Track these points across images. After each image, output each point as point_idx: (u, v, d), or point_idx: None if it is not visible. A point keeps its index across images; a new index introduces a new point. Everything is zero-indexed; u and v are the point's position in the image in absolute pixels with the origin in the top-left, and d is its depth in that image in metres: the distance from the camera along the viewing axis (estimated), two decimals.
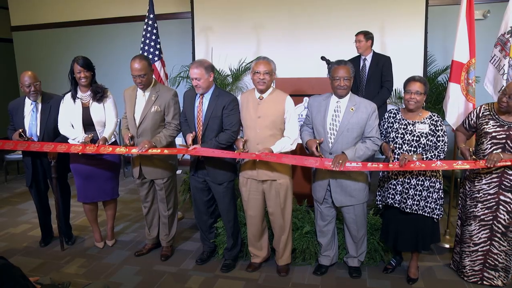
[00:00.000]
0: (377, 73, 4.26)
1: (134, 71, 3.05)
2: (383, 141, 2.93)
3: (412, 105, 2.80)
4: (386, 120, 2.96)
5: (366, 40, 4.28)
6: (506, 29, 3.32)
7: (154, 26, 4.29)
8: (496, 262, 2.88)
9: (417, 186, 2.81)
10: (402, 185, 2.85)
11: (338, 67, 2.78)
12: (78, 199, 3.51)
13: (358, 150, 2.75)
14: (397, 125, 2.86)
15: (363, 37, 4.28)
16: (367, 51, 4.33)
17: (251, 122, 2.91)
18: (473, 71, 3.37)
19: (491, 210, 2.82)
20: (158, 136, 3.12)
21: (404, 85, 2.87)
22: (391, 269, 3.14)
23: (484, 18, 5.35)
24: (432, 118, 2.81)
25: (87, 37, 6.98)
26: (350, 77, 2.76)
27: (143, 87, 3.14)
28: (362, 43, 4.28)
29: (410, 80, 2.84)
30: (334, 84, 2.80)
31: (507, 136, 2.70)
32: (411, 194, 2.82)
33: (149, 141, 3.04)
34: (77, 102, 3.30)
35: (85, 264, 3.35)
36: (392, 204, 2.91)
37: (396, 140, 2.84)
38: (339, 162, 2.68)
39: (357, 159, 2.75)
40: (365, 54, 4.34)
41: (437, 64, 5.34)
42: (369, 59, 4.34)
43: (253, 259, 3.23)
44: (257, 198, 3.02)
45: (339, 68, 2.77)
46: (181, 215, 4.38)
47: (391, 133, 2.88)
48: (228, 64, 5.88)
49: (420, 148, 2.79)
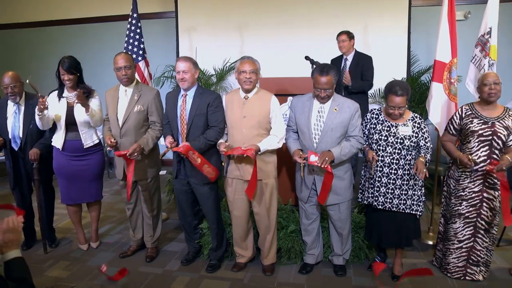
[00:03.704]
0: (357, 73, 4.28)
1: (119, 63, 3.05)
2: (366, 145, 2.96)
3: (395, 117, 2.82)
4: (369, 121, 2.96)
5: (350, 39, 4.32)
6: (486, 29, 3.39)
7: (138, 26, 4.26)
8: (478, 258, 2.94)
9: (403, 186, 2.85)
10: (386, 186, 2.87)
11: (319, 77, 2.73)
12: (61, 200, 3.47)
13: (344, 149, 2.77)
14: (380, 126, 2.88)
15: (346, 36, 4.31)
16: (350, 51, 4.37)
17: (237, 122, 2.91)
18: (455, 71, 3.42)
19: (475, 207, 2.87)
20: (145, 138, 3.09)
21: (385, 94, 2.82)
22: None
23: (465, 19, 5.46)
24: (414, 120, 2.83)
25: (71, 36, 6.91)
26: (332, 86, 2.76)
27: (127, 80, 3.11)
28: (346, 42, 4.31)
29: (392, 93, 2.73)
30: (315, 92, 2.81)
31: (492, 132, 2.75)
32: (397, 194, 2.86)
33: (138, 145, 3.00)
34: (62, 101, 3.25)
35: (69, 267, 3.30)
36: (375, 206, 2.94)
37: (380, 143, 2.86)
38: (325, 159, 2.68)
39: (343, 157, 2.77)
40: (348, 53, 4.37)
41: (420, 64, 5.41)
42: (350, 59, 4.38)
43: (239, 259, 3.22)
44: (243, 198, 3.01)
45: (320, 79, 2.72)
46: (166, 216, 4.36)
47: (374, 134, 2.90)
48: (212, 64, 5.87)
49: (404, 150, 2.81)
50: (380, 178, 2.88)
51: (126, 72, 3.08)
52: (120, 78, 3.11)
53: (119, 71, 3.08)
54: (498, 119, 2.78)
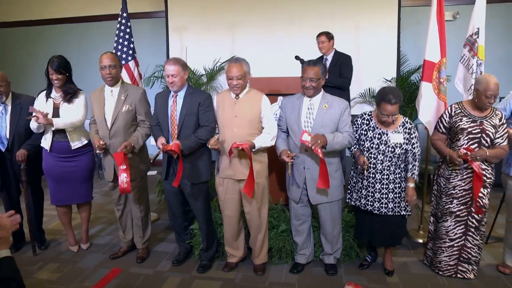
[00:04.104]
0: (335, 72, 4.30)
1: (103, 61, 3.04)
2: (357, 149, 2.99)
3: (389, 124, 2.84)
4: (359, 126, 2.97)
5: (329, 40, 4.36)
6: (474, 30, 3.43)
7: (128, 25, 4.23)
8: (469, 256, 2.97)
9: (382, 190, 2.88)
10: (380, 192, 2.90)
11: (306, 67, 2.80)
12: (51, 202, 3.43)
13: (336, 137, 2.77)
14: (371, 133, 2.89)
15: (325, 37, 4.34)
16: (329, 51, 4.41)
17: (228, 122, 2.91)
18: (444, 70, 3.45)
19: (466, 206, 2.90)
20: (135, 136, 3.08)
21: (378, 102, 2.81)
22: (367, 265, 3.19)
23: (453, 19, 5.51)
24: (405, 126, 2.85)
25: (60, 35, 6.85)
26: (318, 78, 2.78)
27: (112, 80, 3.09)
28: (325, 43, 4.35)
29: (385, 101, 2.72)
30: (301, 83, 2.84)
31: (481, 130, 2.79)
32: (377, 198, 2.90)
33: (129, 142, 2.98)
34: (49, 102, 3.22)
35: (59, 268, 3.26)
36: (359, 206, 2.99)
37: (371, 151, 2.88)
38: (317, 141, 2.66)
39: (335, 145, 2.76)
40: (328, 54, 4.41)
41: (410, 64, 5.46)
42: (330, 59, 4.42)
43: (230, 259, 3.22)
44: (234, 197, 3.01)
45: (307, 69, 2.79)
46: (156, 217, 4.35)
47: (365, 141, 2.91)
48: (203, 63, 5.86)
49: (395, 158, 2.84)
50: (374, 184, 2.90)
51: (111, 71, 3.06)
52: (104, 77, 3.09)
53: (103, 70, 3.06)
54: (486, 118, 2.81)
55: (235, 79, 2.82)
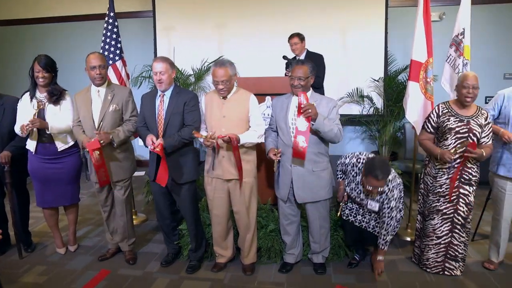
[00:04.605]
0: None
1: (92, 62, 3.02)
2: (342, 179, 3.13)
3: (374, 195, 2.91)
4: (349, 172, 3.04)
5: (301, 41, 4.39)
6: (459, 30, 3.47)
7: (115, 25, 4.18)
8: (456, 253, 3.00)
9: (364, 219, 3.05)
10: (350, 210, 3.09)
11: (295, 66, 2.83)
12: (36, 204, 3.38)
13: (327, 120, 2.76)
14: (354, 192, 3.02)
15: (298, 39, 4.37)
16: (302, 51, 4.43)
17: (216, 122, 2.90)
18: (431, 70, 3.48)
19: (452, 203, 2.94)
20: (117, 130, 3.06)
21: (365, 173, 2.80)
22: (355, 263, 3.21)
23: (440, 20, 5.58)
24: (382, 194, 2.89)
25: (46, 35, 6.75)
26: (307, 77, 2.79)
27: (101, 80, 3.08)
28: (298, 44, 4.38)
29: (372, 176, 2.71)
30: (290, 82, 2.85)
31: (468, 129, 2.82)
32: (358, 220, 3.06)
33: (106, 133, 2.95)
34: (33, 103, 3.17)
35: (46, 271, 3.22)
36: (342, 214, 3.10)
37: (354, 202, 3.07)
38: (309, 110, 2.65)
39: (325, 124, 2.72)
40: (300, 54, 4.43)
41: (397, 64, 5.51)
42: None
43: (218, 259, 3.21)
44: (222, 197, 3.01)
45: (295, 68, 2.82)
46: (144, 217, 4.33)
47: (351, 184, 3.03)
48: (191, 63, 5.84)
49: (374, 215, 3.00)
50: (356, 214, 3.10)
51: (101, 72, 3.04)
52: (93, 77, 3.06)
53: (93, 70, 3.03)
54: (472, 117, 2.84)
55: (220, 83, 2.82)
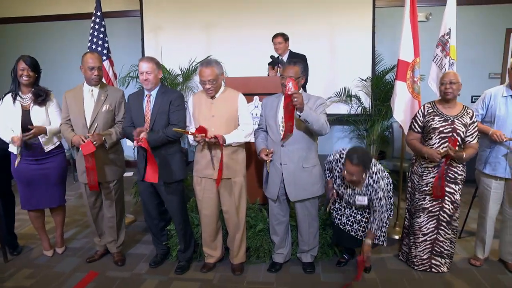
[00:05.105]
0: None
1: (90, 62, 2.99)
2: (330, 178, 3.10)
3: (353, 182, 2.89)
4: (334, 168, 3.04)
5: (285, 41, 4.41)
6: (446, 30, 3.51)
7: (102, 24, 4.15)
8: (442, 249, 3.04)
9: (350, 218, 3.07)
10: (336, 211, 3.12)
11: (287, 66, 2.83)
12: (21, 206, 3.31)
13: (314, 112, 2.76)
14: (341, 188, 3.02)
15: (282, 38, 4.39)
16: (285, 51, 4.45)
17: (205, 122, 2.88)
18: (418, 70, 3.52)
19: (438, 201, 2.97)
20: (109, 131, 3.04)
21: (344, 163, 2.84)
22: (344, 262, 3.23)
23: (427, 20, 5.64)
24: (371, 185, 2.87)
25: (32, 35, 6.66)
26: (297, 77, 2.79)
27: (98, 80, 3.07)
28: (282, 44, 4.40)
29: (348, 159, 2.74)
30: (281, 82, 2.84)
31: (452, 129, 2.85)
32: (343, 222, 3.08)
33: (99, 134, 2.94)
34: (17, 104, 3.11)
35: (33, 274, 3.17)
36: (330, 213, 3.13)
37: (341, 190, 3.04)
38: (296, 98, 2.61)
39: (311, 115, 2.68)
40: (283, 54, 4.44)
41: (385, 63, 5.56)
42: (285, 59, 4.44)
43: (207, 259, 3.21)
44: (212, 197, 3.00)
45: (287, 68, 2.82)
46: (133, 218, 4.30)
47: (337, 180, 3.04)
48: (178, 63, 5.83)
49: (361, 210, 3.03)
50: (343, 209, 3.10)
51: (99, 73, 3.03)
52: (90, 77, 3.02)
53: (91, 71, 3.00)
54: (457, 116, 2.88)
55: (207, 83, 2.82)
